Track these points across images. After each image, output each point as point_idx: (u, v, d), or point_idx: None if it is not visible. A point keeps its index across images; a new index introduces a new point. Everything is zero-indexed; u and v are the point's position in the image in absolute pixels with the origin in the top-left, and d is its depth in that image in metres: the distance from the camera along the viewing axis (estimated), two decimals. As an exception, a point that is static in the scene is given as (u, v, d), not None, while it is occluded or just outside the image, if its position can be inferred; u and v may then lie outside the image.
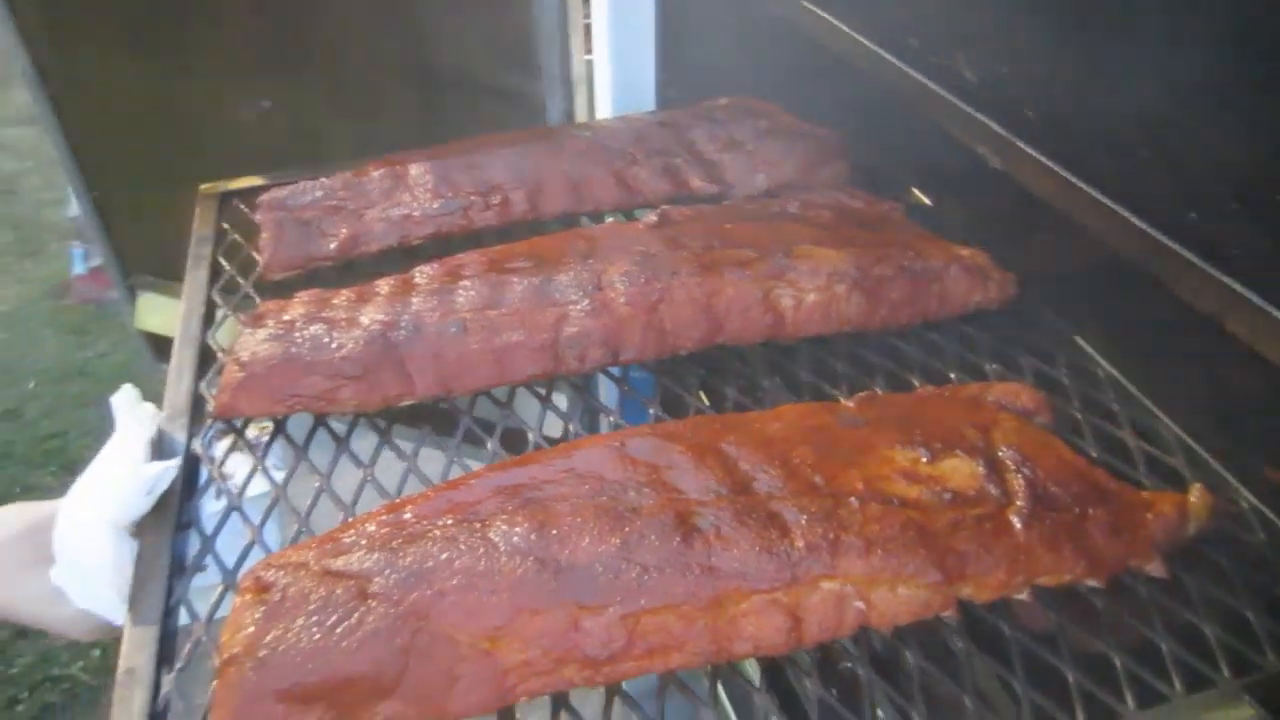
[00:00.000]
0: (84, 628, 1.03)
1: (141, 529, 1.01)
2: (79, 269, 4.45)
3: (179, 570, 0.98)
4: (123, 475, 1.02)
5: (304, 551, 0.87)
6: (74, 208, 4.18)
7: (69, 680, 2.99)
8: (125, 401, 1.09)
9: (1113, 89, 1.11)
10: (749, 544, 0.84)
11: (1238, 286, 0.96)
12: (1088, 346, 1.21)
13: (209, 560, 0.98)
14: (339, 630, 0.79)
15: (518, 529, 0.85)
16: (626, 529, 0.84)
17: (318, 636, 0.79)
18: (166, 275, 2.43)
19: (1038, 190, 1.20)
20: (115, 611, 0.98)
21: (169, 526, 1.01)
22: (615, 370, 1.18)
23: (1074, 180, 1.14)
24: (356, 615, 0.80)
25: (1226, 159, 0.99)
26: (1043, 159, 1.19)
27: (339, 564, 0.84)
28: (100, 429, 3.67)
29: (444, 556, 0.83)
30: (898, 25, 1.45)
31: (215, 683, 0.79)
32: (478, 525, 0.86)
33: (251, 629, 0.80)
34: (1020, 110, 1.23)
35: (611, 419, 1.14)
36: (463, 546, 0.84)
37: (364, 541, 0.87)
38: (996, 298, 1.23)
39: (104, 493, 1.01)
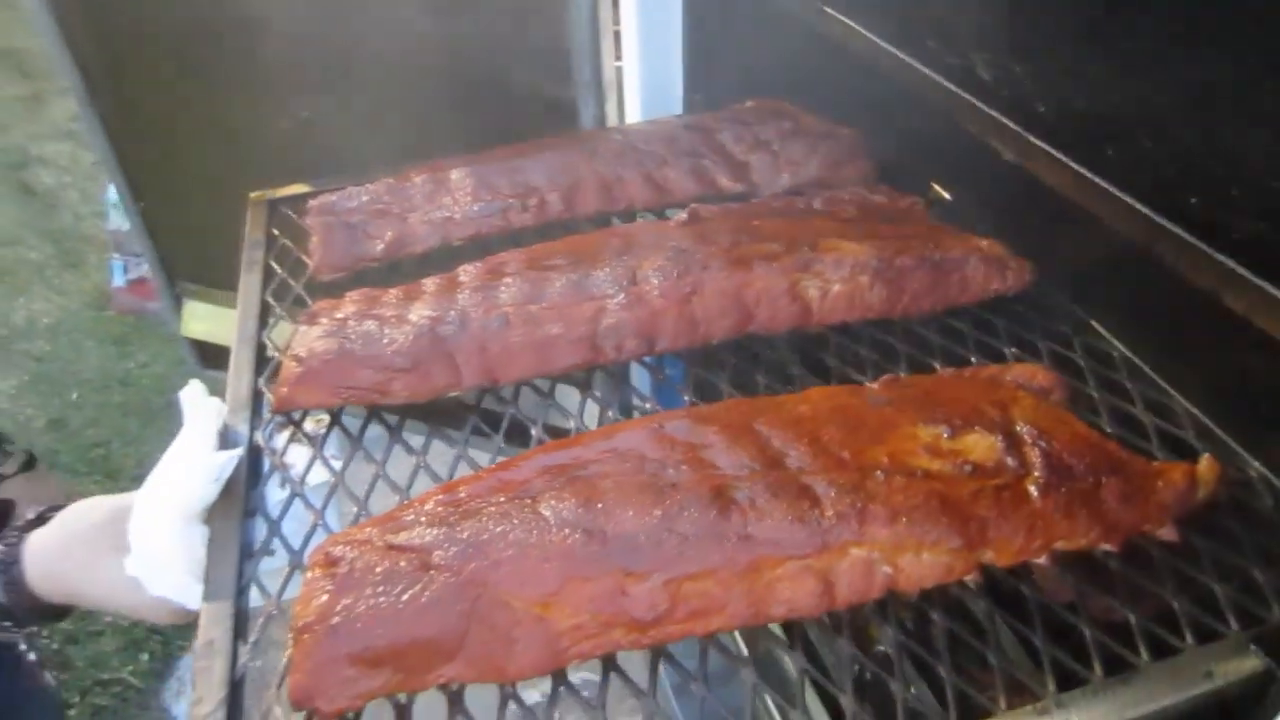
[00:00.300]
0: (160, 613, 1.07)
1: (211, 516, 1.05)
2: (119, 281, 4.48)
3: (248, 554, 1.02)
4: (193, 465, 1.06)
5: (367, 529, 0.92)
6: (113, 220, 4.27)
7: (119, 684, 3.03)
8: (193, 395, 1.13)
9: (1118, 85, 1.14)
10: (782, 514, 0.88)
11: (1234, 265, 1.00)
12: (1102, 329, 1.24)
13: (276, 544, 1.03)
14: (404, 598, 0.84)
15: (566, 503, 0.89)
16: (667, 502, 0.89)
17: (385, 605, 0.84)
18: (211, 282, 2.48)
19: (1051, 182, 1.22)
20: (189, 596, 1.02)
21: (237, 513, 1.06)
22: (650, 359, 1.21)
23: (1084, 171, 1.18)
24: (420, 584, 0.85)
25: (1224, 148, 1.03)
26: (1055, 152, 1.22)
27: (401, 539, 0.89)
28: (143, 438, 3.76)
29: (499, 530, 0.88)
30: (915, 28, 1.47)
31: (290, 650, 0.84)
32: (528, 501, 0.90)
33: (323, 599, 0.85)
34: (1033, 106, 1.27)
35: (648, 406, 1.17)
36: (516, 520, 0.89)
37: (423, 519, 0.91)
38: (1014, 285, 1.26)
39: (175, 483, 1.05)
